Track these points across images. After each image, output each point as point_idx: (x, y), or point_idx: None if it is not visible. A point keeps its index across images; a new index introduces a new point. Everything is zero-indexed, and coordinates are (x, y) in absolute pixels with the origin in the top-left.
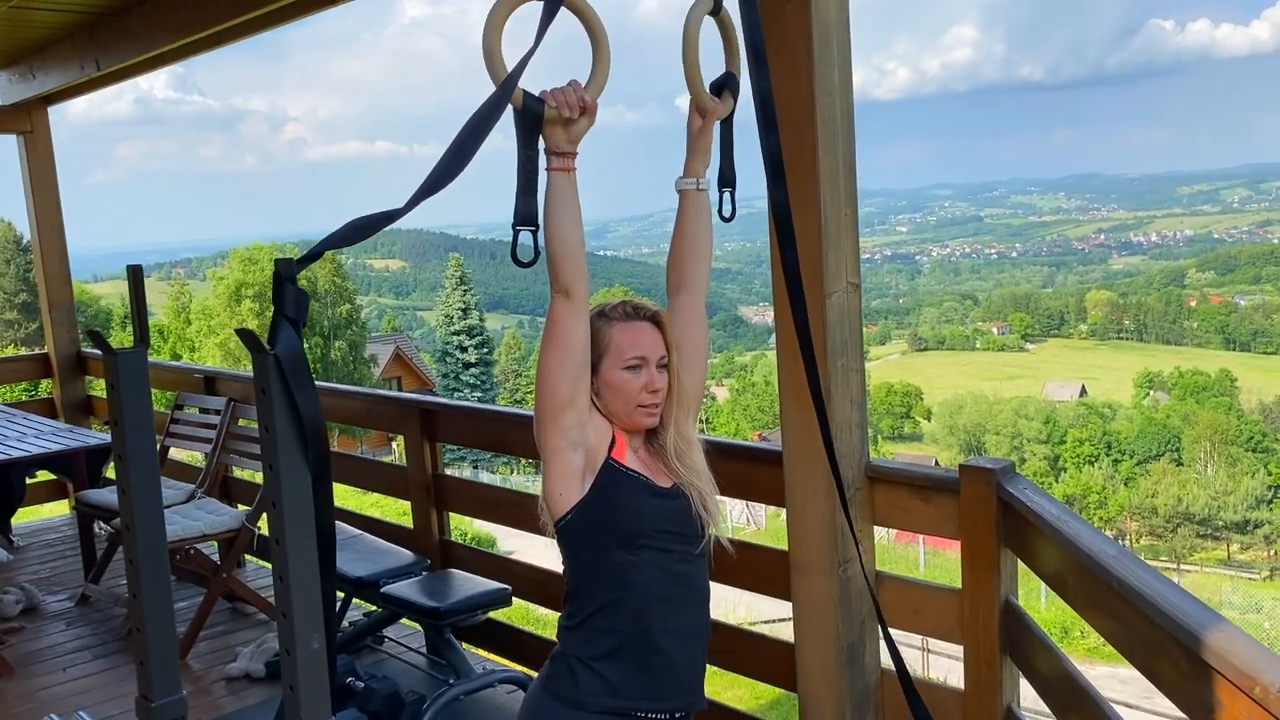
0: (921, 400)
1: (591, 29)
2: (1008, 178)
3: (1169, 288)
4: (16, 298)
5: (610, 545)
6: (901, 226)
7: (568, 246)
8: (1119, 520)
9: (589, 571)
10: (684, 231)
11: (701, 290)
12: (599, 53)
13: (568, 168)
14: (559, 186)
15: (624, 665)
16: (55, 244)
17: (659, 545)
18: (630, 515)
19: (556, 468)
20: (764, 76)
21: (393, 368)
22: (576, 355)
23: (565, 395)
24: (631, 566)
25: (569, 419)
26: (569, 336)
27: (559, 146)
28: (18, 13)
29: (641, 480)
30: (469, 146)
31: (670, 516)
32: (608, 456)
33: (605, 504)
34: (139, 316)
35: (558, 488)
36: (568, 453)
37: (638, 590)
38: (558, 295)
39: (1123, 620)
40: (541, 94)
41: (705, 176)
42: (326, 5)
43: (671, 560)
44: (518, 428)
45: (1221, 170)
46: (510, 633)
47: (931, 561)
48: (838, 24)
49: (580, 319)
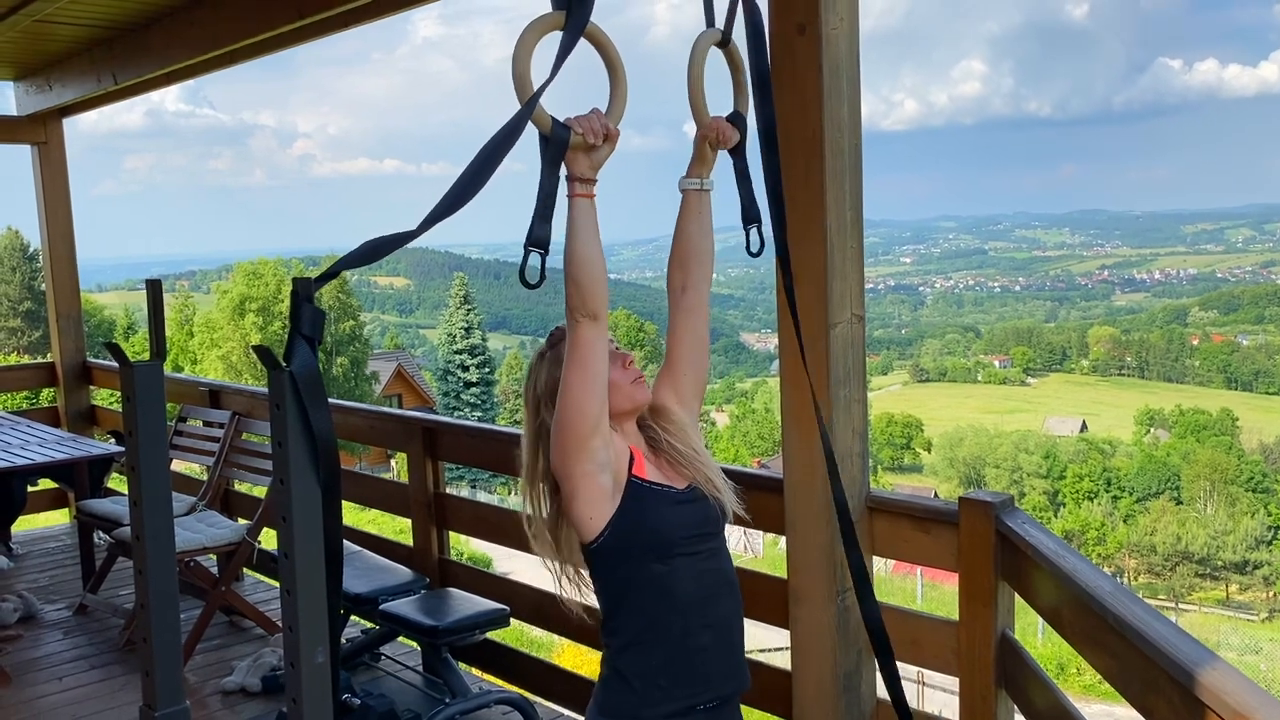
0: (922, 432)
1: (609, 59)
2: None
3: (1171, 325)
4: (21, 306)
5: (647, 560)
6: (905, 257)
7: (593, 272)
8: (1117, 557)
9: (628, 588)
10: (687, 232)
11: (705, 287)
12: (616, 81)
13: (589, 194)
14: (583, 212)
15: (675, 669)
16: (65, 254)
17: (689, 550)
18: (661, 528)
19: (586, 492)
20: (769, 109)
21: (394, 385)
22: (601, 377)
23: (594, 418)
24: (668, 576)
25: (596, 441)
26: (596, 360)
27: (582, 173)
28: (39, 26)
29: (665, 491)
30: (485, 170)
31: (694, 520)
32: (630, 474)
33: (636, 521)
34: (157, 330)
35: (588, 511)
36: (596, 476)
37: (678, 598)
38: (584, 320)
39: (1119, 657)
40: (566, 121)
41: (709, 180)
42: (340, 28)
43: (701, 560)
44: (520, 448)
45: (1226, 210)
46: (507, 654)
47: (929, 594)
48: (848, 59)
49: (603, 340)
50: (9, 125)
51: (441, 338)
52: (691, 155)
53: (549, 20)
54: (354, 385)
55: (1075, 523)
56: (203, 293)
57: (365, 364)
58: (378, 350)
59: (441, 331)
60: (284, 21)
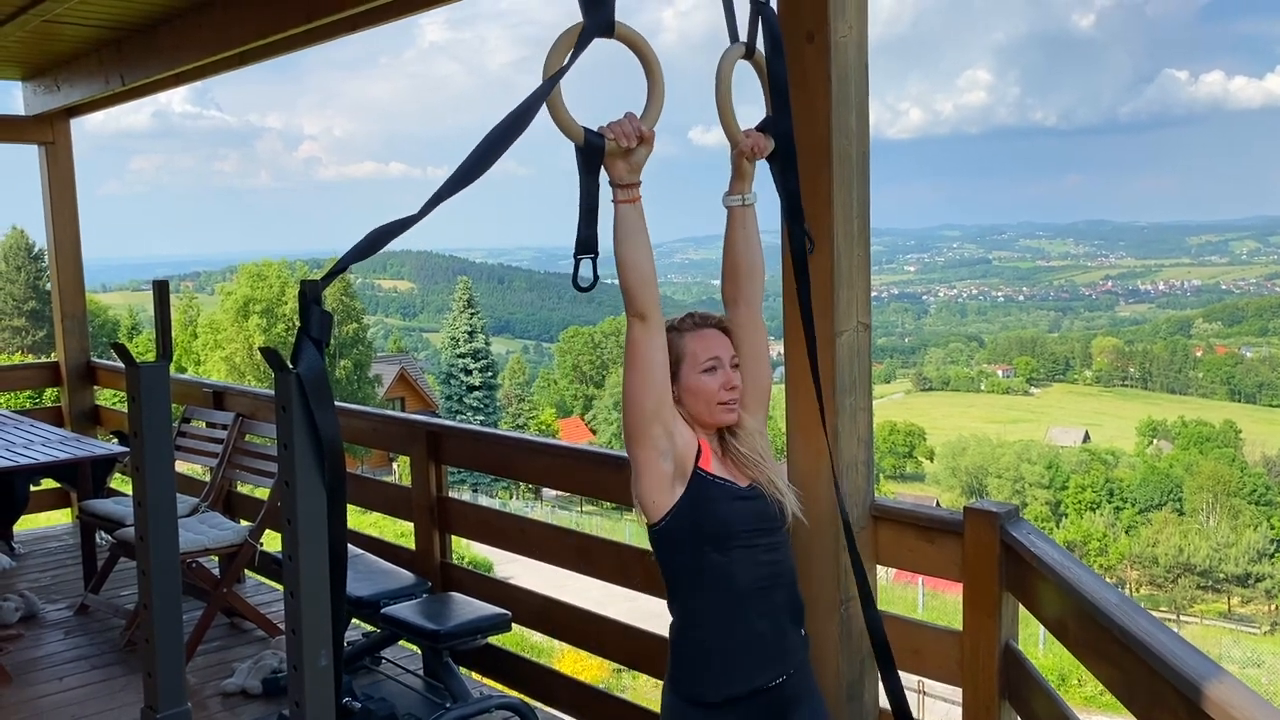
0: (924, 440)
1: (646, 61)
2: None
3: (1175, 337)
4: (25, 305)
5: (705, 549)
6: (909, 266)
7: (641, 274)
8: (1119, 568)
9: (688, 574)
10: (735, 246)
11: (758, 301)
12: (653, 83)
13: (633, 198)
14: (627, 217)
15: (731, 654)
16: (71, 254)
17: (747, 543)
18: (720, 521)
19: (649, 477)
20: (786, 118)
21: (397, 388)
22: (656, 373)
23: (650, 410)
24: (725, 566)
25: (656, 430)
26: (649, 357)
27: (621, 178)
28: (47, 26)
29: (727, 486)
30: (492, 153)
31: (754, 515)
32: (696, 466)
33: (698, 511)
34: (163, 331)
35: (651, 495)
36: (658, 462)
37: (735, 588)
38: (634, 320)
39: (1123, 668)
40: (600, 129)
41: (752, 193)
42: (348, 31)
43: (759, 553)
44: (524, 452)
45: (1231, 222)
46: (508, 659)
47: (930, 603)
48: (856, 68)
49: (657, 339)
50: (17, 125)
51: (445, 341)
52: (731, 172)
53: (576, 32)
54: (357, 388)
55: (1077, 533)
56: (207, 294)
57: (368, 367)
58: (381, 353)
59: (445, 335)
60: (293, 24)
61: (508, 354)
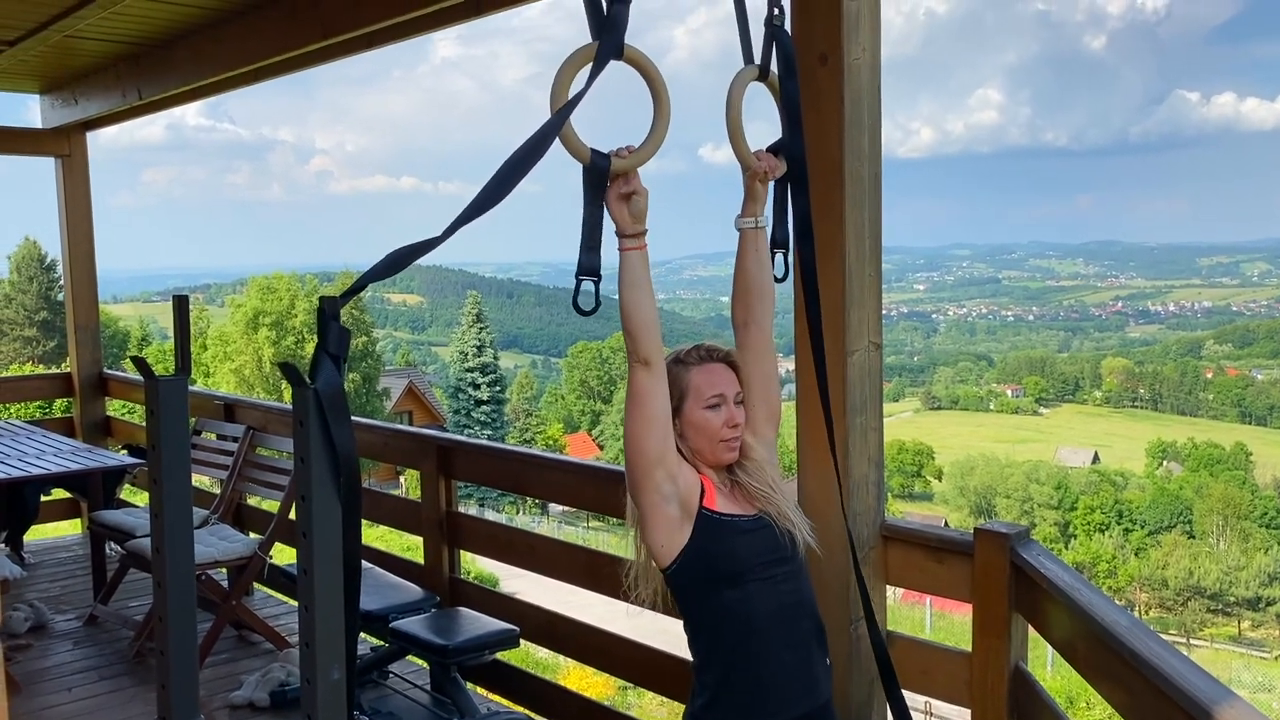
0: (933, 460)
1: (653, 85)
2: (1027, 241)
3: (1185, 358)
4: (37, 315)
5: (720, 586)
6: (919, 284)
7: (644, 320)
8: (1128, 590)
9: (707, 612)
10: (746, 268)
11: (768, 323)
12: (659, 108)
13: (639, 246)
14: (632, 265)
15: (757, 690)
16: (85, 267)
17: (761, 576)
18: (731, 557)
19: (657, 522)
20: (799, 139)
21: (405, 402)
22: (660, 417)
23: (655, 455)
24: (743, 601)
25: (660, 475)
26: (652, 402)
27: (626, 227)
28: (67, 41)
29: (733, 521)
30: (511, 179)
31: (763, 548)
32: (700, 506)
33: (707, 551)
34: (182, 345)
35: (660, 539)
36: (663, 506)
37: (756, 621)
38: (637, 366)
39: (1133, 691)
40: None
41: (764, 215)
42: (364, 49)
43: (776, 584)
44: (534, 468)
45: (1242, 243)
46: (515, 674)
47: (937, 623)
48: (869, 90)
49: (660, 386)
50: (33, 137)
51: (453, 355)
52: (744, 194)
53: (585, 52)
54: (365, 401)
55: (1086, 555)
56: (217, 306)
57: (377, 380)
58: (389, 367)
59: (453, 349)
60: (309, 41)
61: (516, 368)
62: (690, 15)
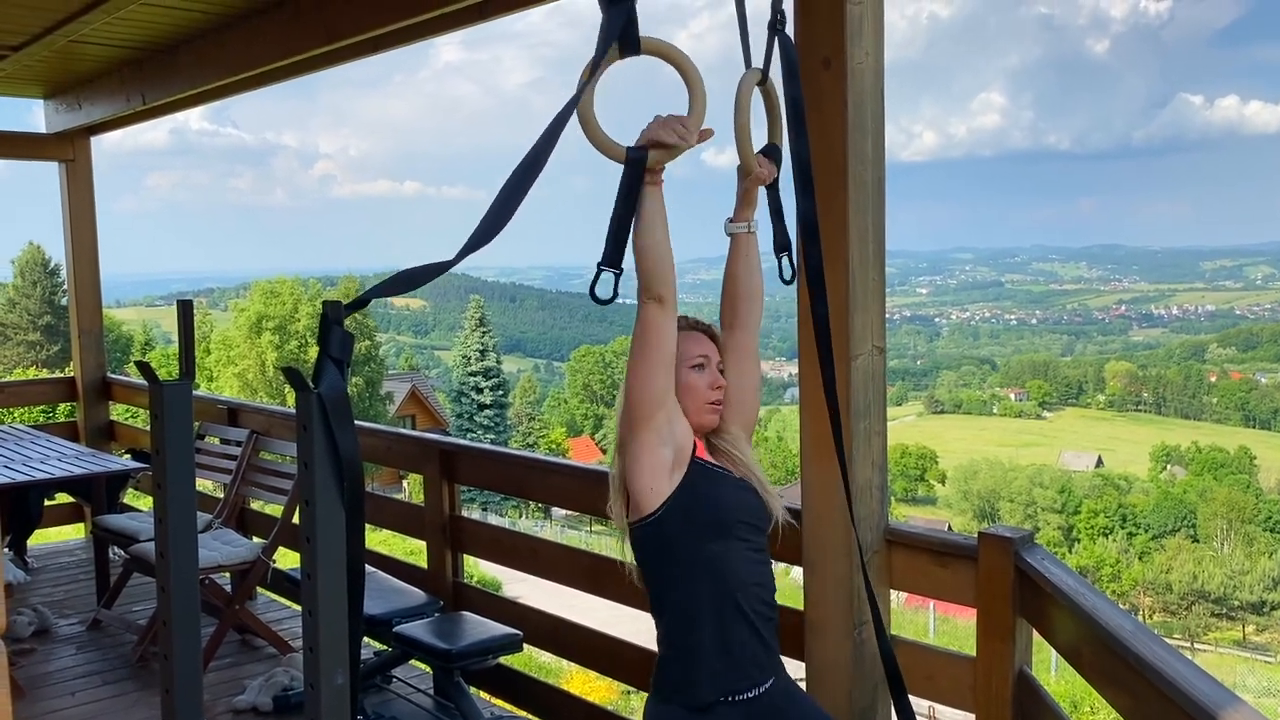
0: (936, 464)
1: (683, 70)
2: (1030, 244)
3: (1189, 362)
4: (40, 320)
5: (706, 535)
6: (922, 288)
7: (661, 256)
8: (1132, 595)
9: (683, 567)
10: (735, 273)
11: (754, 329)
12: (693, 87)
13: (657, 183)
14: (650, 201)
15: (730, 649)
16: (89, 271)
17: (741, 535)
18: (721, 505)
19: (647, 462)
20: (803, 141)
21: (408, 406)
22: (668, 356)
23: (659, 393)
24: (723, 555)
25: (660, 416)
26: (662, 338)
27: (655, 164)
28: (71, 46)
29: (723, 474)
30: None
31: (747, 507)
32: (694, 455)
33: (699, 496)
34: (186, 350)
35: (648, 482)
36: (658, 448)
37: (732, 578)
38: (650, 303)
39: (1138, 696)
40: (646, 140)
41: (754, 220)
42: (369, 53)
43: (751, 551)
44: (537, 472)
45: (1246, 247)
46: (519, 679)
47: (941, 628)
48: (872, 94)
49: (670, 325)
50: (37, 142)
51: (456, 359)
52: (738, 199)
53: (607, 57)
54: (368, 405)
55: (1090, 559)
56: (220, 310)
57: (380, 384)
58: (392, 371)
59: (456, 353)
60: (313, 45)
61: (519, 372)
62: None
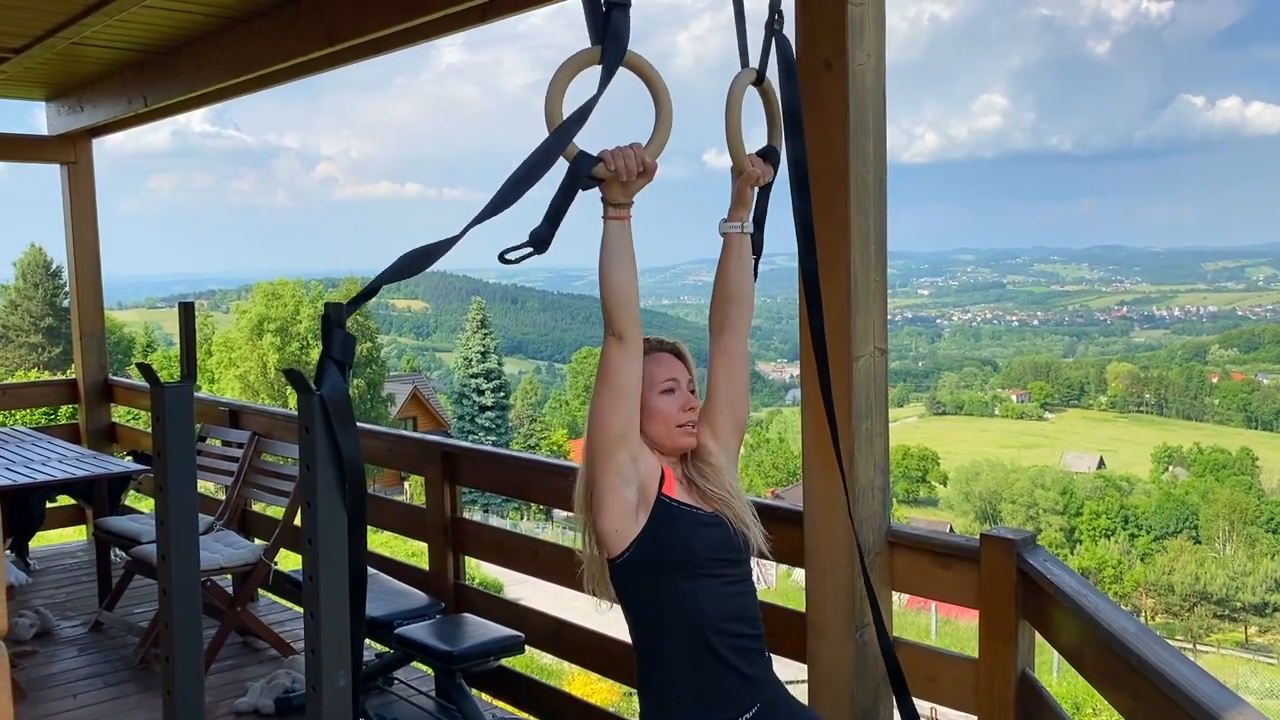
0: (938, 465)
1: (655, 91)
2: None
3: (1191, 363)
4: (42, 322)
5: (671, 577)
6: (923, 289)
7: (623, 294)
8: (1134, 596)
9: (652, 608)
10: (728, 274)
11: (744, 330)
12: (661, 113)
13: (623, 216)
14: (615, 235)
15: (706, 687)
16: (90, 273)
17: (712, 572)
18: (686, 547)
19: (612, 504)
20: (799, 144)
21: (409, 407)
22: (629, 394)
23: (618, 432)
24: (691, 596)
25: (622, 455)
26: (622, 377)
27: (615, 199)
28: (73, 48)
29: (692, 511)
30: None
31: (719, 543)
32: (659, 493)
33: (663, 538)
34: (188, 352)
35: (614, 524)
36: (621, 489)
37: (701, 618)
38: (611, 339)
39: (1140, 697)
40: (602, 153)
41: (750, 221)
42: (370, 55)
43: (726, 584)
44: (538, 474)
45: (1247, 248)
46: (520, 680)
47: (942, 629)
48: (874, 95)
49: (632, 361)
50: (39, 144)
51: (458, 361)
52: (732, 199)
53: (583, 57)
54: (370, 407)
55: (1092, 560)
56: (222, 312)
57: (381, 386)
58: (394, 372)
59: (458, 355)
60: (314, 48)
61: (520, 374)
62: (694, 21)
